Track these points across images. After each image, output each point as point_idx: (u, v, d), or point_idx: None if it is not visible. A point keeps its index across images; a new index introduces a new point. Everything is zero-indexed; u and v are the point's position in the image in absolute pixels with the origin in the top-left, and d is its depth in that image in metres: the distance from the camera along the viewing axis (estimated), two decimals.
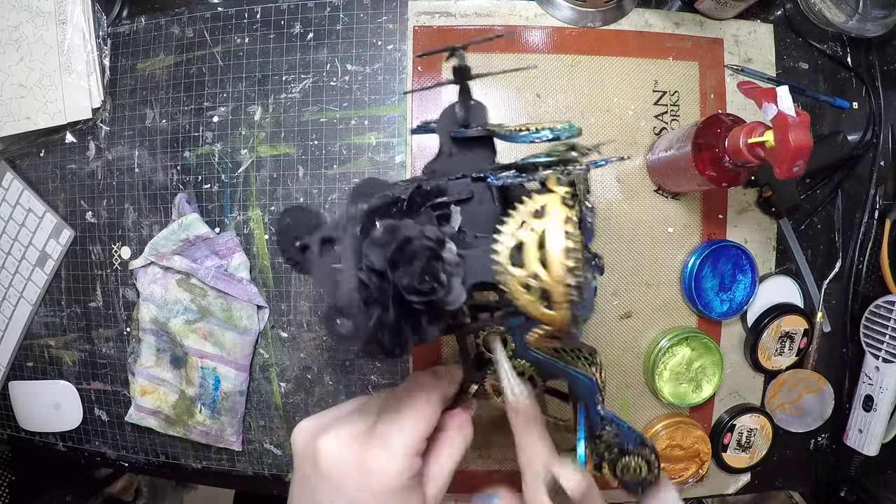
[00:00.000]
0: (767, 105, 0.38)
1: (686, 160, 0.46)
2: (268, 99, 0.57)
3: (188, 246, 0.56)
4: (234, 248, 0.56)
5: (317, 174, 0.56)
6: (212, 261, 0.57)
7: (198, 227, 0.56)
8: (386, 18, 0.56)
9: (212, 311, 0.56)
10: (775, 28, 0.57)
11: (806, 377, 0.58)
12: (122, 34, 0.59)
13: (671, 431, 0.55)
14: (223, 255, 0.56)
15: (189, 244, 0.56)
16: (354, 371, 0.57)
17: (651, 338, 0.57)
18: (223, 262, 0.56)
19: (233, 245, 0.56)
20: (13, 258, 0.61)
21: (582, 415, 0.38)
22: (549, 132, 0.30)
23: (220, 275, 0.55)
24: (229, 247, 0.56)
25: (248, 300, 0.56)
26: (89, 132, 0.60)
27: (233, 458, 0.60)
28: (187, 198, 0.57)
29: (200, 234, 0.56)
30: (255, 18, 0.57)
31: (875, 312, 0.56)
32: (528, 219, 0.26)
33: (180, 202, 0.57)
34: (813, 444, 0.61)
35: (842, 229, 0.58)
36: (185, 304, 0.56)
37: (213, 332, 0.56)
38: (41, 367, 0.63)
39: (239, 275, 0.56)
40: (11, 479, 0.75)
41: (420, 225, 0.26)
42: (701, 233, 0.57)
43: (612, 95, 0.56)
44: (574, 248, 0.25)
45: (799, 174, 0.37)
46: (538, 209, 0.26)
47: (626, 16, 0.56)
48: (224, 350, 0.56)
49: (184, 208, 0.56)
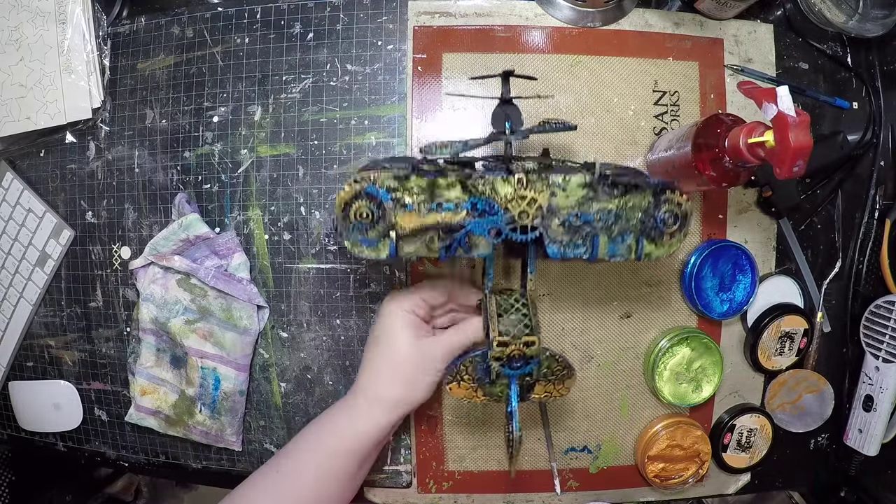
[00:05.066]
0: (767, 105, 0.38)
1: (686, 160, 0.46)
2: (268, 99, 0.57)
3: (188, 246, 0.56)
4: (234, 248, 0.56)
5: (317, 174, 0.56)
6: (212, 261, 0.56)
7: (198, 228, 0.56)
8: (386, 18, 0.56)
9: (212, 310, 0.56)
10: (775, 28, 0.57)
11: (806, 377, 0.58)
12: (122, 34, 0.59)
13: (671, 431, 0.55)
14: (223, 255, 0.56)
15: (189, 244, 0.56)
16: (354, 371, 0.57)
17: (651, 338, 0.57)
18: (223, 262, 0.56)
19: (233, 245, 0.56)
20: (13, 258, 0.61)
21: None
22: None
23: (221, 275, 0.55)
24: (229, 247, 0.56)
25: (248, 300, 0.56)
26: (89, 132, 0.60)
27: (233, 458, 0.60)
28: (187, 198, 0.57)
29: (200, 234, 0.56)
30: (255, 18, 0.57)
31: (875, 312, 0.56)
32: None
33: (180, 202, 0.57)
34: (813, 444, 0.61)
35: (842, 229, 0.58)
36: (185, 304, 0.56)
37: (214, 332, 0.56)
38: (41, 367, 0.63)
39: (239, 275, 0.56)
40: (11, 479, 0.75)
41: None
42: (701, 233, 0.57)
43: (612, 95, 0.56)
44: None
45: (799, 174, 0.37)
46: None
47: (626, 16, 0.56)
48: (224, 350, 0.56)
49: (184, 208, 0.56)
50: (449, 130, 0.56)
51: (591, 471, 0.58)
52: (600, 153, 0.56)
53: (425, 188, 0.39)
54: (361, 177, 0.38)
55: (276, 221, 0.57)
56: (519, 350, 0.41)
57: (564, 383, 0.45)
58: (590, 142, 0.56)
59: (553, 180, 0.40)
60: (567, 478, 0.58)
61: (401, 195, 0.39)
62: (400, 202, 0.39)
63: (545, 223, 0.40)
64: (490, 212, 0.40)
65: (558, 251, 0.41)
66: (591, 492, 0.59)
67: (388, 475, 0.58)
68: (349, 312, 0.57)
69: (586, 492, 0.59)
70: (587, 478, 0.58)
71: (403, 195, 0.39)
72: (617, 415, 0.58)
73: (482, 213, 0.40)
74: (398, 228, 0.40)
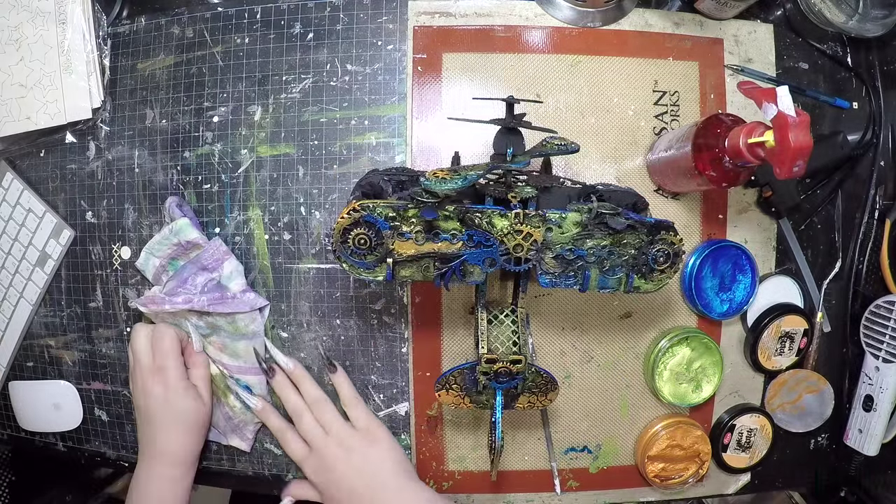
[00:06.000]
0: (767, 105, 0.38)
1: (686, 160, 0.46)
2: (268, 99, 0.57)
3: (181, 251, 0.56)
4: (222, 257, 0.55)
5: (317, 174, 0.56)
6: (202, 276, 0.55)
7: (188, 233, 0.55)
8: (386, 18, 0.56)
9: (219, 325, 0.55)
10: (775, 28, 0.57)
11: (806, 377, 0.58)
12: (122, 34, 0.59)
13: (671, 431, 0.55)
14: (213, 268, 0.55)
15: (182, 249, 0.56)
16: (354, 371, 0.57)
17: (651, 338, 0.57)
18: (214, 276, 0.55)
19: (220, 254, 0.55)
20: (13, 258, 0.61)
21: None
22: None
23: (215, 300, 0.54)
24: (217, 258, 0.55)
25: (249, 309, 0.55)
26: (89, 132, 0.60)
27: (233, 458, 0.59)
28: (178, 202, 0.57)
29: (191, 239, 0.55)
30: (255, 18, 0.57)
31: (875, 312, 0.56)
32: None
33: (170, 207, 0.56)
34: (813, 444, 0.61)
35: (842, 229, 0.58)
36: (193, 322, 0.56)
37: (226, 344, 0.56)
38: (41, 367, 0.63)
39: (233, 284, 0.55)
40: (11, 479, 0.75)
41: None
42: (701, 233, 0.57)
43: (612, 95, 0.56)
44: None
45: (799, 174, 0.37)
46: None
47: (626, 16, 0.56)
48: (240, 359, 0.56)
49: (174, 212, 0.56)
50: (448, 131, 0.56)
51: (591, 471, 0.58)
52: (600, 153, 0.56)
53: (423, 219, 0.40)
54: (361, 206, 0.39)
55: (276, 221, 0.57)
56: (506, 367, 0.43)
57: (548, 395, 0.47)
58: (590, 142, 0.56)
59: (549, 216, 0.41)
60: (567, 478, 0.58)
61: (399, 224, 0.40)
62: (398, 231, 0.40)
63: (539, 256, 0.42)
64: (486, 243, 0.41)
65: (549, 282, 0.43)
66: (591, 492, 0.59)
67: None
68: (349, 312, 0.57)
69: (586, 492, 0.59)
70: (587, 478, 0.58)
71: (402, 224, 0.40)
72: (617, 415, 0.58)
73: (478, 244, 0.41)
74: (395, 255, 0.41)
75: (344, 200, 0.56)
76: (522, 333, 0.46)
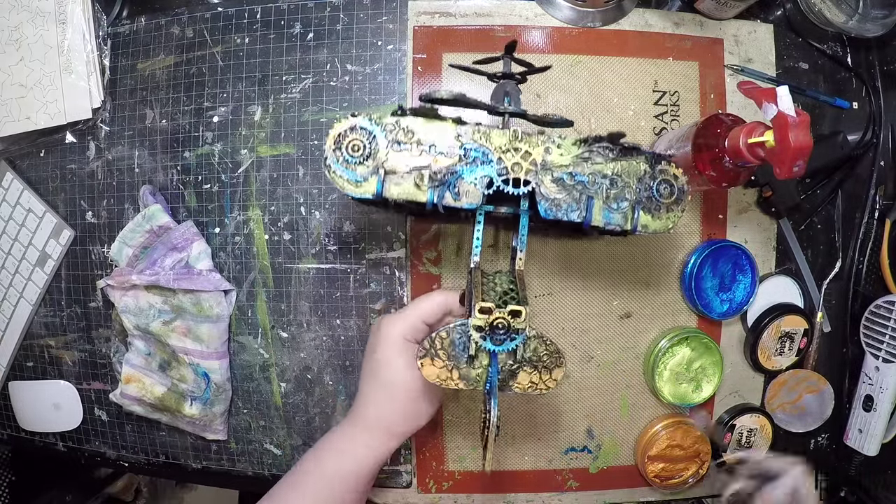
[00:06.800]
0: (767, 105, 0.38)
1: (686, 160, 0.46)
2: (268, 99, 0.57)
3: (154, 238, 0.57)
4: (191, 238, 0.56)
5: (317, 174, 0.56)
6: (171, 257, 0.56)
7: (160, 218, 0.56)
8: (386, 18, 0.56)
9: (184, 307, 0.56)
10: (775, 28, 0.57)
11: (806, 377, 0.58)
12: (122, 34, 0.59)
13: (671, 431, 0.55)
14: (181, 248, 0.56)
15: (154, 235, 0.56)
16: (354, 371, 0.57)
17: (651, 338, 0.57)
18: (182, 256, 0.56)
19: (190, 235, 0.56)
20: (13, 258, 0.61)
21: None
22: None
23: (181, 275, 0.55)
24: (186, 238, 0.56)
25: (213, 289, 0.56)
26: (89, 132, 0.60)
27: (233, 459, 0.60)
28: (151, 190, 0.58)
29: (163, 223, 0.56)
30: (255, 18, 0.57)
31: (875, 312, 0.56)
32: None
33: (144, 194, 0.57)
34: (813, 444, 0.61)
35: (842, 229, 0.58)
36: (158, 308, 0.57)
37: (191, 327, 0.56)
38: (41, 367, 0.63)
39: (199, 265, 0.56)
40: (11, 479, 0.75)
41: None
42: (701, 233, 0.57)
43: (612, 95, 0.56)
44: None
45: (799, 174, 0.37)
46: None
47: (626, 16, 0.56)
48: (203, 344, 0.56)
49: (147, 199, 0.57)
50: None
51: (591, 471, 0.58)
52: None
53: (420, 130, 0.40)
54: (359, 111, 0.39)
55: (276, 221, 0.57)
56: (504, 319, 0.37)
57: (552, 373, 0.39)
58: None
59: (549, 135, 0.40)
60: (567, 478, 0.58)
61: (396, 133, 0.39)
62: (394, 139, 0.39)
63: (538, 178, 0.40)
64: (483, 160, 0.40)
65: (550, 210, 0.40)
66: (591, 492, 0.59)
67: (387, 475, 0.58)
68: (349, 312, 0.57)
69: (586, 492, 0.59)
70: (587, 478, 0.58)
71: (398, 133, 0.39)
72: (617, 415, 0.58)
73: (475, 160, 0.40)
74: (388, 167, 0.40)
75: (344, 200, 0.56)
76: (522, 290, 0.41)
